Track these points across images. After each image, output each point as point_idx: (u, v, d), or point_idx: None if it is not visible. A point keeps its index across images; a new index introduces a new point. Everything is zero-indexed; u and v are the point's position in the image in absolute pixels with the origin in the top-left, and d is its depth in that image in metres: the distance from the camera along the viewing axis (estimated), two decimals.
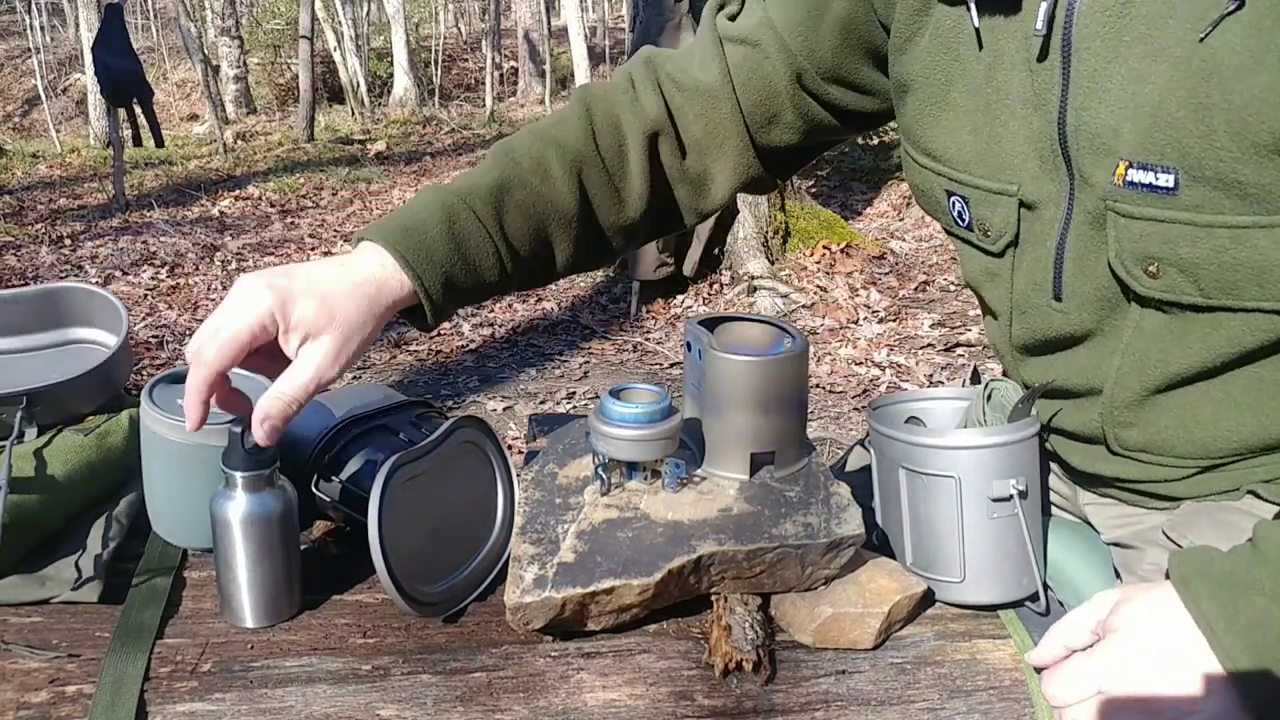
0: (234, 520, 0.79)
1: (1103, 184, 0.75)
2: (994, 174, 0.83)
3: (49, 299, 1.08)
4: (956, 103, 0.85)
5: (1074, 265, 0.81)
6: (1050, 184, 0.80)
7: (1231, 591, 0.66)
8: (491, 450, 0.91)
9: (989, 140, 0.83)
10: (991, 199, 0.84)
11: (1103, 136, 0.74)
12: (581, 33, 7.62)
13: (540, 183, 0.88)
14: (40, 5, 18.69)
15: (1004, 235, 0.85)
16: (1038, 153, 0.80)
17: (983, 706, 0.80)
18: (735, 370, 0.84)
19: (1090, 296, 0.81)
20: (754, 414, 0.85)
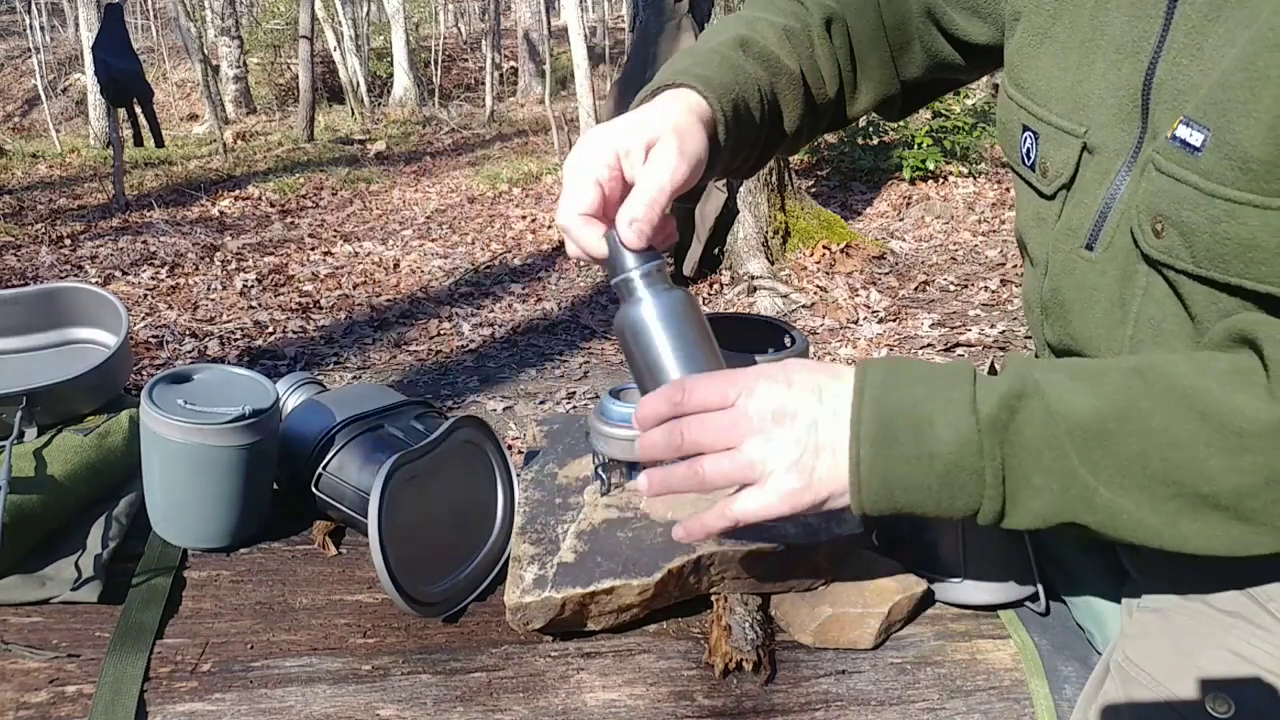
0: (649, 319, 0.71)
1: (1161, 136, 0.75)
2: (1068, 113, 0.84)
3: (49, 299, 1.08)
4: (1055, 37, 0.85)
5: (1120, 216, 0.80)
6: (1120, 132, 0.80)
7: (899, 373, 0.68)
8: (491, 450, 0.91)
9: (1074, 79, 0.83)
10: (1059, 138, 0.84)
11: (1184, 94, 0.74)
12: (581, 33, 7.61)
13: (765, 39, 0.93)
14: (40, 5, 18.69)
15: (1059, 177, 0.85)
16: (1116, 99, 0.80)
17: (983, 706, 0.80)
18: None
19: (1119, 252, 0.80)
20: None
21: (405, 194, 8.21)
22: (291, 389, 1.06)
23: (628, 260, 0.72)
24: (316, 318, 4.74)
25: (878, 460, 0.67)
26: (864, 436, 0.67)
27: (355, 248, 6.20)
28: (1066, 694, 0.82)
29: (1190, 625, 0.73)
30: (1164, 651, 0.73)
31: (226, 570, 0.88)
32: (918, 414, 0.67)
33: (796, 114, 0.94)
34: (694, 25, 4.70)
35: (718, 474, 0.70)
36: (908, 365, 0.71)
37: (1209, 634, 0.72)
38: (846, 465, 0.68)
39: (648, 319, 0.71)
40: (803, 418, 0.68)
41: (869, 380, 0.69)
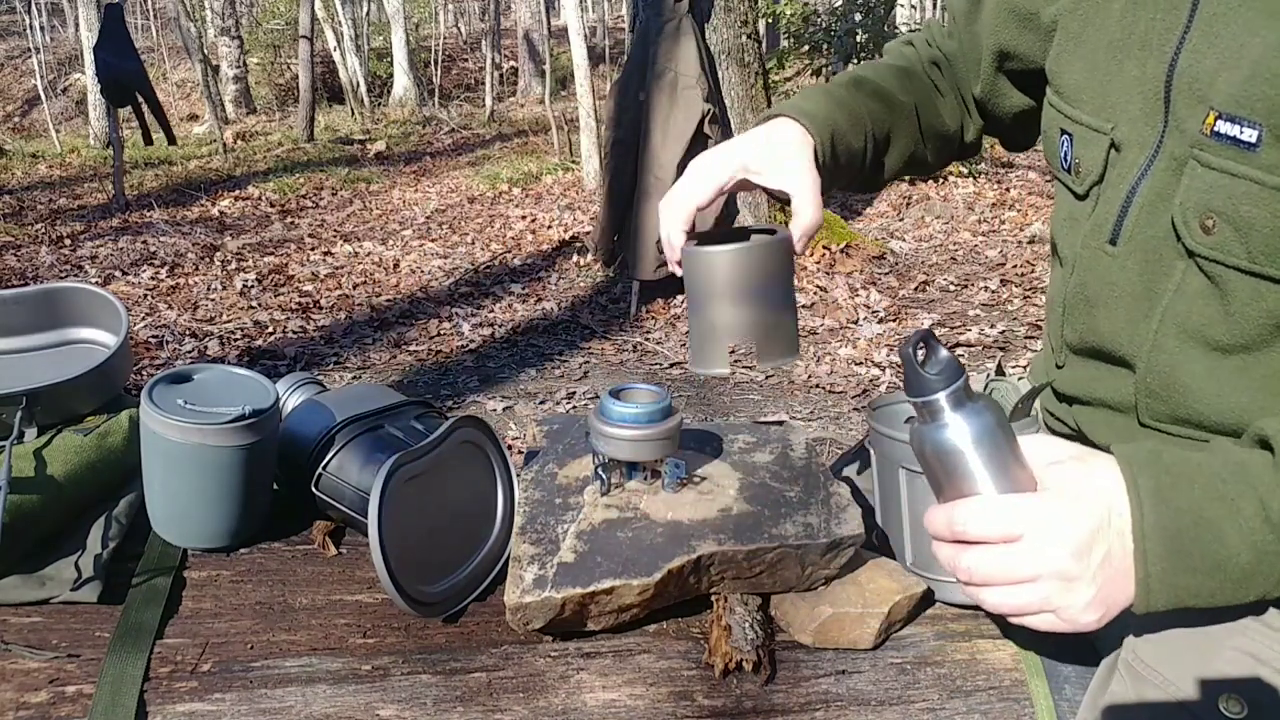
0: (959, 443, 0.65)
1: (1193, 131, 0.77)
2: (1098, 111, 0.86)
3: (49, 299, 1.08)
4: (1087, 40, 0.88)
5: (1140, 211, 0.82)
6: (1144, 127, 0.82)
7: (1172, 477, 0.66)
8: (491, 450, 0.91)
9: (1103, 78, 0.86)
10: (1090, 137, 0.87)
11: (1200, 83, 0.76)
12: (581, 33, 7.61)
13: (880, 78, 1.03)
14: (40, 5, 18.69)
15: (1090, 175, 0.87)
16: (1142, 95, 0.82)
17: (983, 706, 0.80)
18: (703, 262, 0.83)
19: (1144, 245, 0.81)
20: (730, 306, 0.83)
21: (405, 194, 8.21)
22: (291, 389, 1.06)
23: (931, 381, 0.65)
24: (316, 318, 4.74)
25: (1167, 576, 0.65)
26: (1151, 555, 0.65)
27: (355, 248, 6.20)
28: (1066, 694, 0.82)
29: (1204, 626, 0.73)
30: (1177, 652, 0.73)
31: (226, 570, 0.88)
32: (1203, 525, 0.65)
33: (911, 141, 1.03)
34: (694, 25, 4.69)
35: (1007, 608, 0.67)
36: (1178, 466, 0.67)
37: (1222, 635, 0.72)
38: (1133, 584, 0.66)
39: (958, 444, 0.65)
40: (1096, 552, 0.65)
41: (1143, 490, 0.66)
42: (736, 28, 4.91)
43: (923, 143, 1.05)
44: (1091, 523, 0.65)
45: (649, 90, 4.68)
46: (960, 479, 0.66)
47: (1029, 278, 4.88)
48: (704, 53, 4.71)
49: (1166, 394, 0.83)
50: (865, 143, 0.98)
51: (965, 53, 1.05)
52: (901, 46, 1.11)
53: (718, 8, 4.84)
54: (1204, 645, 0.72)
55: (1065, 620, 0.67)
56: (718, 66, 4.88)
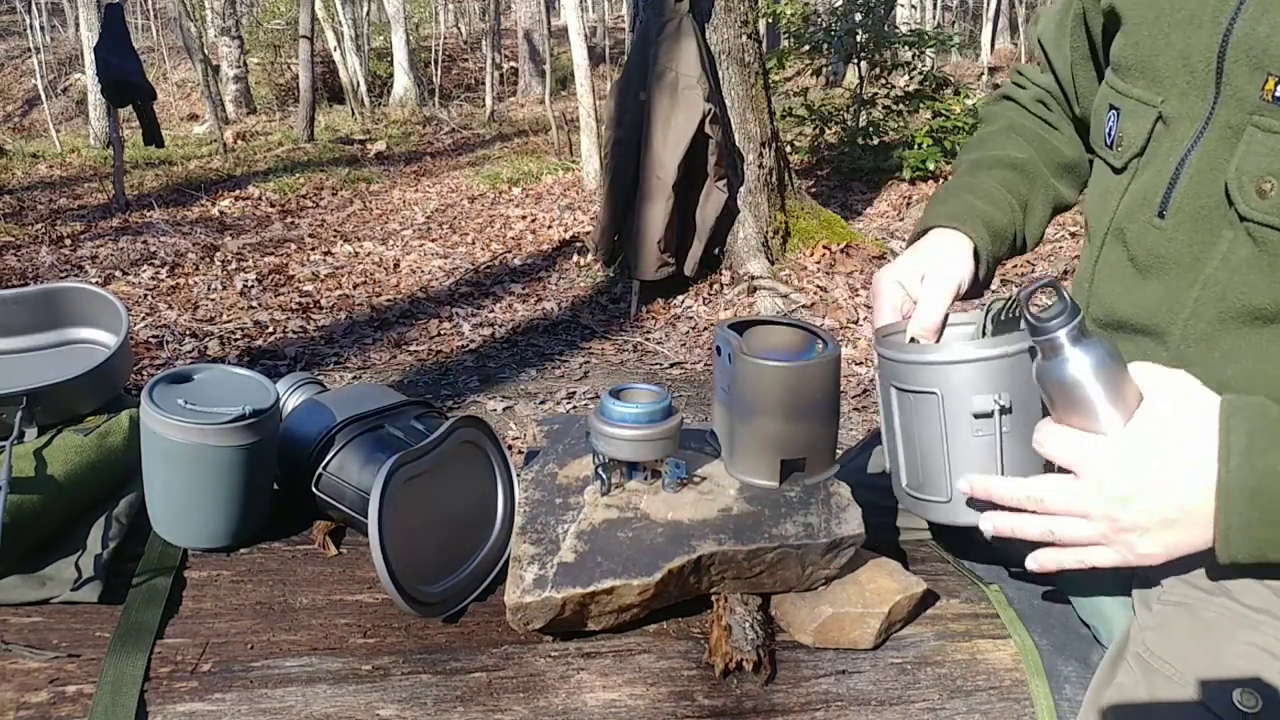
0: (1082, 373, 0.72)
1: (1251, 98, 0.78)
2: (1147, 85, 0.88)
3: (49, 299, 1.08)
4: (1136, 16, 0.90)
5: (1190, 181, 0.83)
6: (1195, 100, 0.83)
7: (1266, 437, 0.68)
8: (491, 450, 0.91)
9: (1149, 54, 0.87)
10: (1138, 110, 0.88)
11: (1257, 50, 0.77)
12: (581, 33, 7.60)
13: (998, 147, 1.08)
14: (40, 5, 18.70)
15: (1130, 148, 0.89)
16: (1189, 68, 0.83)
17: (983, 706, 0.80)
18: (766, 375, 0.83)
19: (1194, 215, 0.82)
20: (785, 420, 0.84)
21: (405, 194, 8.21)
22: (291, 389, 1.06)
23: (1053, 321, 0.73)
24: (316, 318, 4.74)
25: (1248, 530, 0.68)
26: (1232, 508, 0.68)
27: (355, 248, 6.20)
28: (1066, 694, 0.82)
29: (1217, 620, 0.73)
30: (1189, 645, 0.73)
31: (226, 570, 0.88)
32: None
33: (1048, 190, 1.06)
34: (694, 25, 4.69)
35: (1069, 537, 0.74)
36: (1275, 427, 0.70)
37: (1236, 630, 0.72)
38: (1211, 531, 0.69)
39: (1078, 375, 0.72)
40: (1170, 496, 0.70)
41: (1234, 444, 0.69)
42: (737, 27, 4.91)
43: (1057, 185, 1.09)
44: (1168, 463, 0.70)
45: (650, 90, 4.68)
46: (1079, 404, 0.72)
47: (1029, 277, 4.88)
48: (704, 52, 4.71)
49: (1203, 362, 0.83)
50: (1012, 215, 1.03)
51: (1064, 76, 1.07)
52: (996, 104, 1.14)
53: (718, 8, 4.84)
54: (1216, 639, 0.72)
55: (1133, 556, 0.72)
56: (718, 66, 4.88)
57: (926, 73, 7.72)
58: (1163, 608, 0.77)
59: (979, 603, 0.91)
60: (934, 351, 0.83)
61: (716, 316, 4.66)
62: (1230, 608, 0.73)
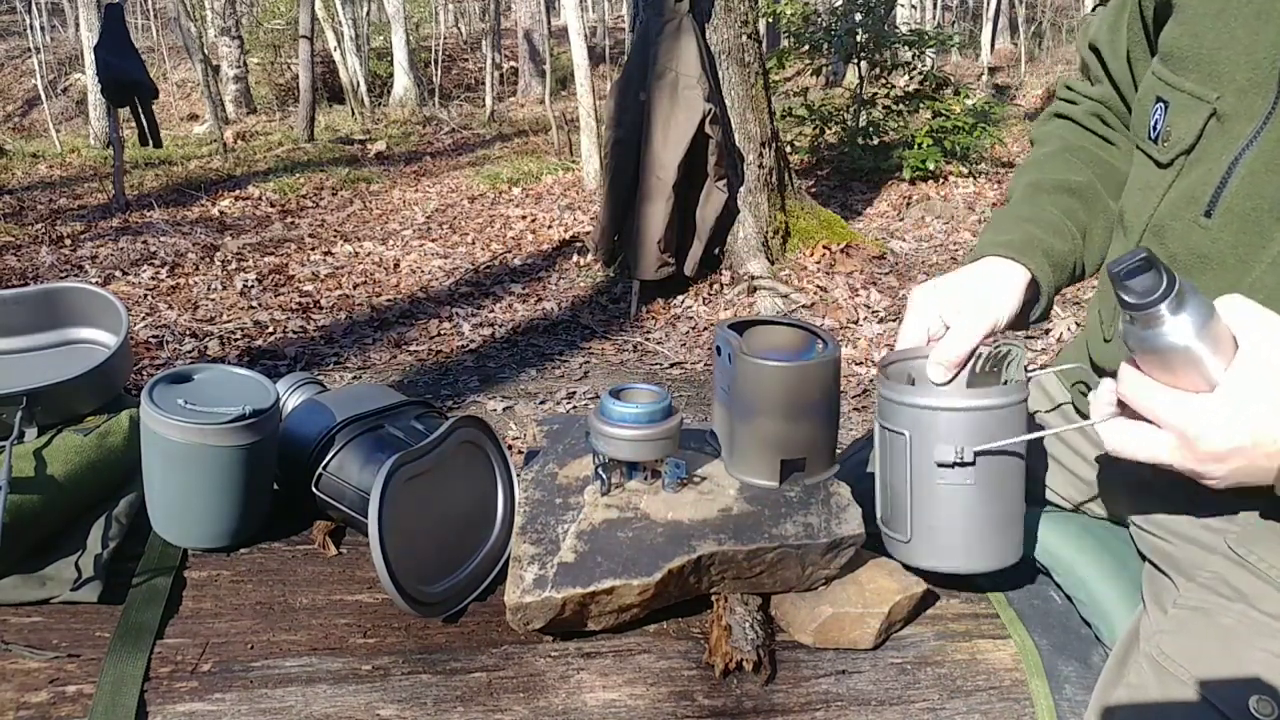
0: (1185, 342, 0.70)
1: None
2: (1203, 79, 0.84)
3: (49, 299, 1.08)
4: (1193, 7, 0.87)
5: (1243, 182, 0.80)
6: (1254, 98, 0.80)
7: None
8: (491, 450, 0.91)
9: (1210, 47, 0.84)
10: (1190, 104, 0.85)
11: None
12: (581, 33, 7.60)
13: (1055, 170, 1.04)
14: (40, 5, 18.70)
15: (1180, 144, 0.85)
16: (1253, 64, 0.80)
17: (983, 706, 0.80)
18: (766, 375, 0.83)
19: (1244, 215, 0.80)
20: (785, 420, 0.84)
21: (405, 194, 8.21)
22: (291, 389, 1.06)
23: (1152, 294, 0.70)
24: (316, 318, 4.74)
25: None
26: None
27: (355, 248, 6.20)
28: (1066, 694, 0.82)
29: (1235, 627, 0.73)
30: (1207, 650, 0.72)
31: (226, 570, 0.88)
32: None
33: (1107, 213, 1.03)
34: (694, 25, 4.69)
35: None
36: None
37: (1254, 637, 0.71)
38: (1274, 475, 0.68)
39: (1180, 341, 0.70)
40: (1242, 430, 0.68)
41: None
42: (736, 27, 4.91)
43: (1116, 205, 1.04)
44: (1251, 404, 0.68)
45: (650, 90, 4.68)
46: (1179, 368, 0.70)
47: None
48: (704, 53, 4.71)
49: None
50: (1073, 243, 1.00)
51: (1121, 79, 1.03)
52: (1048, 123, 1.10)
53: (718, 8, 4.84)
54: (1234, 645, 0.72)
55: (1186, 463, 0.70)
56: (718, 66, 4.88)
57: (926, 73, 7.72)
58: (1179, 612, 0.77)
59: (979, 603, 0.91)
60: (908, 393, 0.83)
61: (716, 316, 4.66)
62: (1249, 615, 0.73)
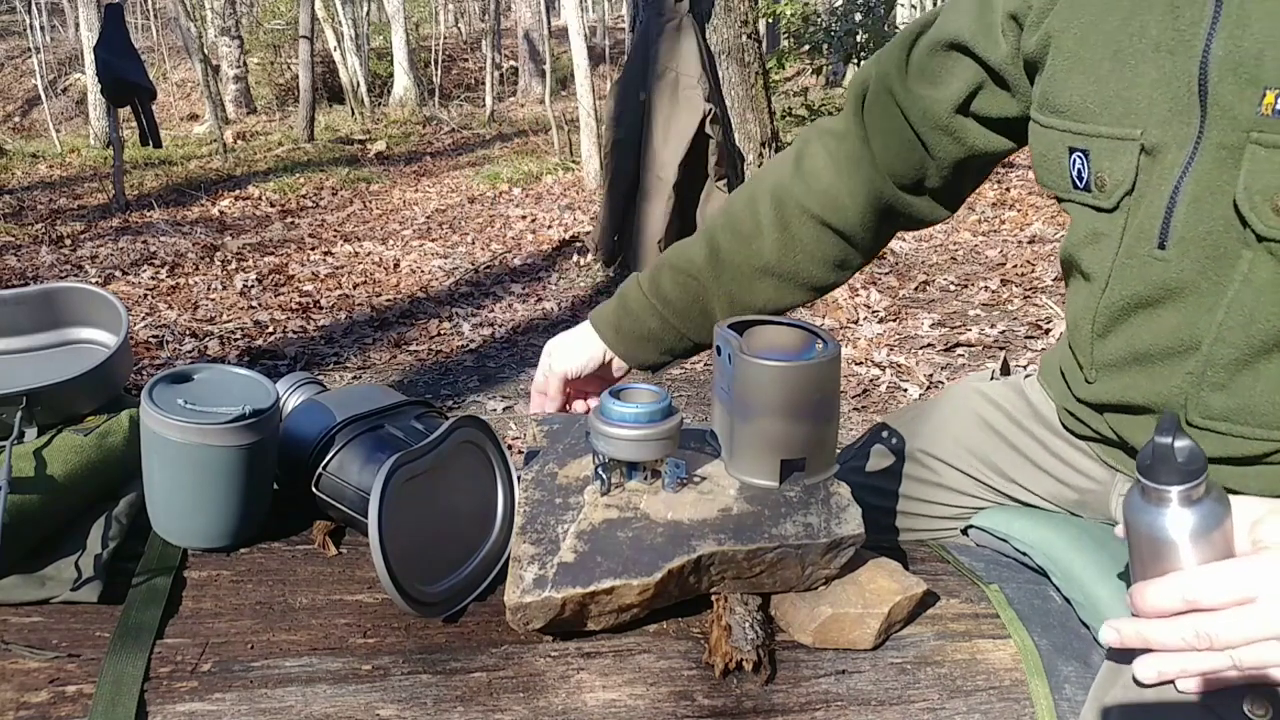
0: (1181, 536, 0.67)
1: (1247, 116, 0.75)
2: (1119, 120, 0.84)
3: (49, 299, 1.08)
4: (1086, 55, 0.86)
5: (1188, 209, 0.80)
6: (1179, 126, 0.80)
7: None
8: (491, 450, 0.91)
9: (1117, 88, 0.84)
10: (1114, 147, 0.84)
11: (1246, 66, 0.74)
12: (581, 33, 7.60)
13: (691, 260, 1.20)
14: (40, 5, 18.70)
15: (1121, 185, 0.85)
16: (1170, 94, 0.80)
17: (983, 706, 0.80)
18: (766, 375, 0.83)
19: (1199, 242, 0.79)
20: (785, 420, 0.84)
21: (405, 194, 8.21)
22: (291, 389, 1.06)
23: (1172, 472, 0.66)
24: (316, 318, 4.74)
25: None
26: None
27: (355, 248, 6.20)
28: (1066, 694, 0.82)
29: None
30: None
31: (226, 570, 0.88)
32: None
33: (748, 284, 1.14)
34: (694, 25, 4.70)
35: (1257, 663, 0.66)
36: None
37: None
38: None
39: (1174, 536, 0.67)
40: None
41: None
42: (736, 27, 4.91)
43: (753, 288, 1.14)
44: None
45: (650, 90, 4.68)
46: (1166, 564, 0.67)
47: (1029, 277, 4.88)
48: (704, 52, 4.71)
49: (1229, 385, 0.81)
50: (665, 323, 1.17)
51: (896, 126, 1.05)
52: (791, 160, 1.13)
53: (718, 8, 4.84)
54: None
55: None
56: (718, 66, 4.88)
57: None
58: None
59: (979, 603, 0.91)
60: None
61: None
62: None
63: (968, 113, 1.01)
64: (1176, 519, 0.66)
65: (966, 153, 1.03)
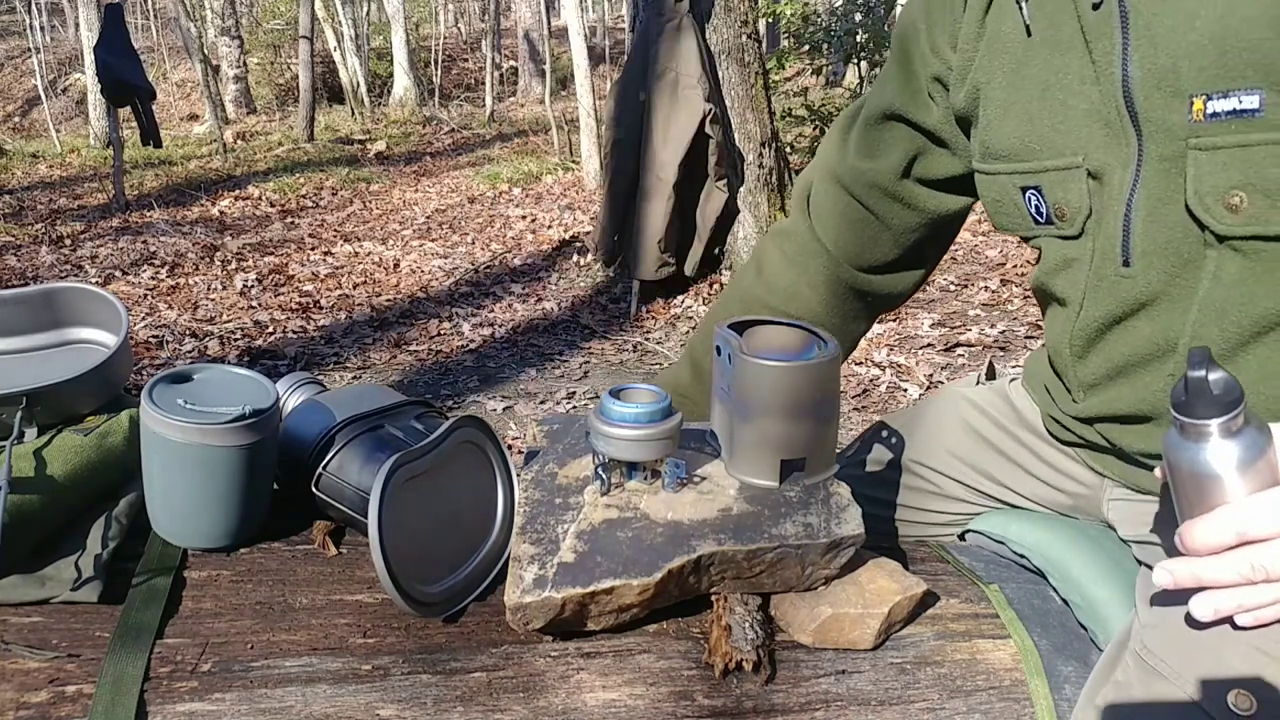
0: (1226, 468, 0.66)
1: (1180, 125, 0.77)
2: (1059, 152, 0.86)
3: (49, 299, 1.07)
4: (1017, 100, 0.89)
5: (1144, 224, 0.81)
6: (1118, 148, 0.82)
7: None
8: (491, 450, 0.91)
9: (1051, 122, 0.86)
10: (1063, 177, 0.86)
11: (1168, 80, 0.76)
12: (581, 33, 7.60)
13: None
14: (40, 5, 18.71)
15: (1080, 211, 0.87)
16: (1102, 120, 0.82)
17: (983, 706, 0.80)
18: (766, 375, 0.83)
19: (1161, 253, 0.81)
20: (785, 420, 0.84)
21: (405, 194, 8.22)
22: (291, 389, 1.06)
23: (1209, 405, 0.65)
24: (316, 318, 4.74)
25: None
26: None
27: (355, 248, 6.20)
28: (1066, 694, 0.82)
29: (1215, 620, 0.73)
30: (1187, 644, 0.72)
31: (226, 570, 0.88)
32: None
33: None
34: (694, 25, 4.69)
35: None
36: None
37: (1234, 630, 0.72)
38: None
39: (1219, 469, 0.66)
40: None
41: None
42: (736, 27, 4.91)
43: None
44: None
45: (650, 90, 4.68)
46: (1213, 500, 0.66)
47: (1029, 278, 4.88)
48: (704, 52, 4.71)
49: None
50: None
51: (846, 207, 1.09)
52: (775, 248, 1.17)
53: (718, 8, 4.84)
54: (1215, 639, 0.72)
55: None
56: (718, 66, 4.88)
57: None
58: (1162, 607, 0.77)
59: (979, 603, 0.91)
60: None
61: None
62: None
63: (913, 177, 1.05)
64: (1219, 452, 0.65)
65: (921, 218, 1.08)
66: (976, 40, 0.93)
